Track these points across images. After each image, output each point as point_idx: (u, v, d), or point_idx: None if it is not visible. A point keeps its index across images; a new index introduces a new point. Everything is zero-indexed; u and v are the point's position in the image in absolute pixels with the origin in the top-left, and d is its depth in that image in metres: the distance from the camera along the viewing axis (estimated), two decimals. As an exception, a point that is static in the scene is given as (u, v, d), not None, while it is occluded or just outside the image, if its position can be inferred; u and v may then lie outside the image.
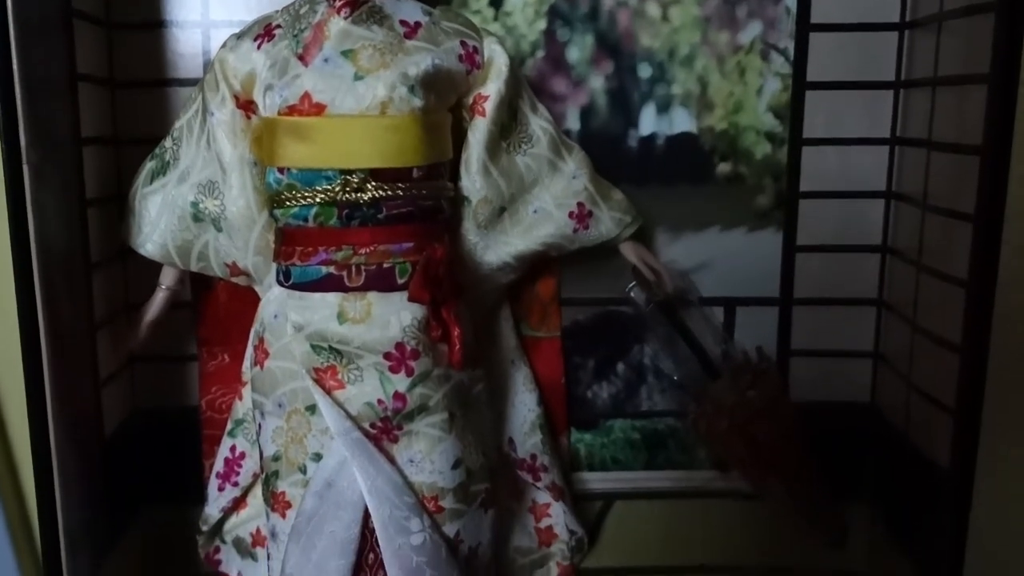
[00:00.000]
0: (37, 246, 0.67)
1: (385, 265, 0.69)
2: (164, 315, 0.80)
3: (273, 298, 0.73)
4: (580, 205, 0.78)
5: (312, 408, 0.72)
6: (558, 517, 0.87)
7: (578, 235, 0.78)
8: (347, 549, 0.72)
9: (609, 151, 0.83)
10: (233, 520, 0.85)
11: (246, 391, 0.81)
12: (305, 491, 0.73)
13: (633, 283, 0.84)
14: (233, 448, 0.83)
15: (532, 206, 0.78)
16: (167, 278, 0.79)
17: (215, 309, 0.84)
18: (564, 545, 0.88)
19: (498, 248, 0.78)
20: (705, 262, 0.86)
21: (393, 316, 0.69)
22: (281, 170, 0.70)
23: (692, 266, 0.86)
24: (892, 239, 0.85)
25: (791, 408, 0.83)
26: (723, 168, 0.84)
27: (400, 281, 0.70)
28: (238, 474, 0.83)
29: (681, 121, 0.84)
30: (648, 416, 0.88)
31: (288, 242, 0.71)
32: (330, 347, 0.70)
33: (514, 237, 0.77)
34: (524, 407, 0.83)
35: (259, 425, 0.76)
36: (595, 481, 0.89)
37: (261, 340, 0.74)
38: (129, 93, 0.81)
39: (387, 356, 0.70)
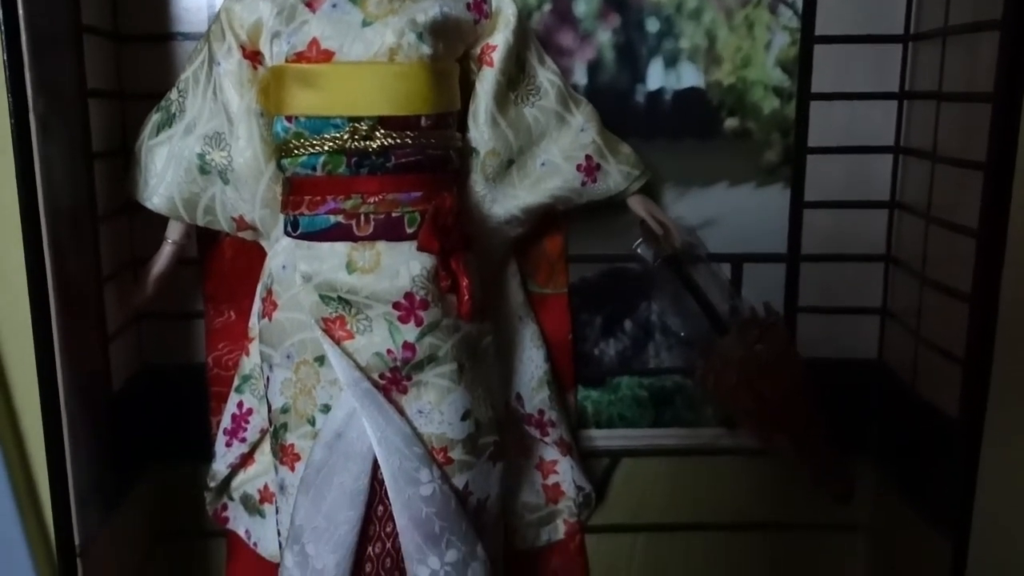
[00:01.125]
0: (45, 199, 0.67)
1: (394, 214, 0.69)
2: (171, 270, 0.80)
3: (281, 249, 0.73)
4: (588, 158, 0.77)
5: (321, 359, 0.71)
6: (565, 474, 0.87)
7: (586, 188, 0.78)
8: (356, 500, 0.73)
9: (616, 106, 0.82)
10: (241, 477, 0.86)
11: (253, 347, 0.81)
12: (314, 443, 0.73)
13: (640, 240, 0.84)
14: (240, 404, 0.83)
15: (540, 159, 0.77)
16: (173, 232, 0.79)
17: (221, 265, 0.84)
18: (571, 502, 0.88)
19: (506, 201, 0.77)
20: (712, 218, 0.86)
21: (402, 266, 0.69)
22: (289, 118, 0.69)
23: (699, 222, 0.85)
24: (900, 194, 0.84)
25: (799, 362, 0.83)
26: (731, 123, 0.84)
27: (409, 231, 0.69)
28: (245, 430, 0.83)
29: (688, 76, 0.83)
30: (655, 373, 0.88)
31: (296, 191, 0.70)
32: (339, 297, 0.70)
33: (522, 190, 0.77)
34: (532, 363, 0.83)
35: (267, 378, 0.76)
36: (602, 438, 0.89)
37: (269, 292, 0.73)
38: (134, 46, 0.80)
39: (396, 306, 0.69)
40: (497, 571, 0.80)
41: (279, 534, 0.79)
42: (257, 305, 0.77)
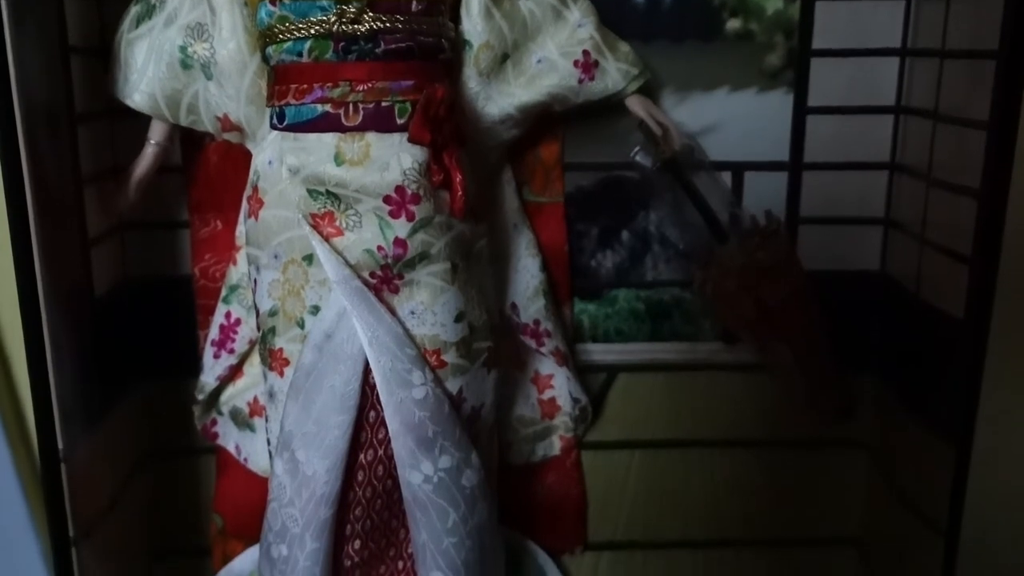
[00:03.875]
0: (19, 96, 0.64)
1: (384, 103, 0.66)
2: (153, 173, 0.77)
3: (267, 144, 0.70)
4: (585, 54, 0.75)
5: (309, 258, 0.69)
6: (561, 388, 0.86)
7: (583, 86, 0.76)
8: (347, 405, 0.71)
9: (614, 5, 0.79)
10: (230, 390, 0.84)
11: (240, 256, 0.79)
12: (303, 346, 0.71)
13: (638, 147, 0.82)
14: (228, 315, 0.81)
15: (536, 55, 0.75)
16: (156, 133, 0.76)
17: (206, 172, 0.81)
18: (567, 417, 0.86)
19: (500, 99, 0.75)
20: (713, 125, 0.83)
21: (392, 158, 0.67)
22: (273, 2, 0.66)
23: (699, 129, 0.83)
24: (907, 98, 0.82)
25: (801, 270, 0.81)
26: (732, 24, 0.81)
27: (400, 121, 0.67)
28: (234, 341, 0.81)
29: (689, -26, 0.80)
30: (653, 286, 0.86)
31: (281, 80, 0.68)
32: (327, 191, 0.67)
33: (517, 87, 0.75)
34: (527, 272, 0.81)
35: (255, 281, 0.74)
36: (598, 353, 0.87)
37: (255, 189, 0.71)
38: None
39: (387, 200, 0.67)
40: (492, 482, 0.78)
41: (269, 443, 0.77)
42: (244, 207, 0.75)
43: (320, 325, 0.70)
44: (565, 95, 0.76)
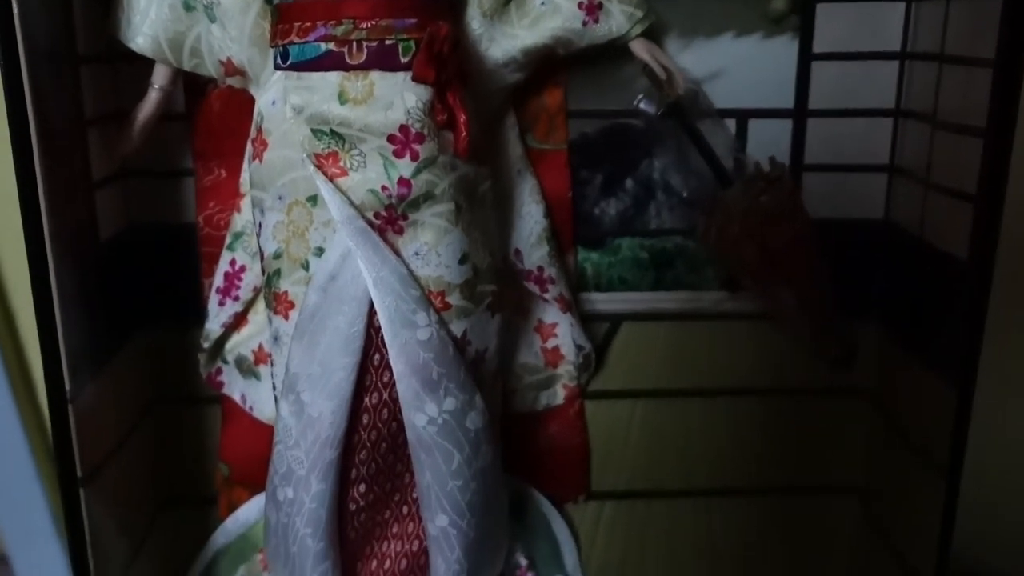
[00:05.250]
0: (23, 36, 0.64)
1: (387, 41, 0.66)
2: (157, 117, 0.77)
3: (271, 85, 0.70)
4: (590, -5, 0.74)
5: (314, 199, 0.69)
6: (565, 336, 0.86)
7: (587, 29, 0.75)
8: (352, 346, 0.71)
9: (618, -53, 0.78)
10: (235, 338, 0.84)
11: (245, 203, 0.79)
12: (307, 288, 0.71)
13: (641, 95, 0.81)
14: (233, 262, 0.81)
15: (539, -2, 0.74)
16: (160, 77, 0.76)
17: (209, 120, 0.80)
18: (571, 365, 0.87)
19: (504, 41, 0.74)
20: (717, 71, 0.82)
21: (396, 97, 0.67)
22: (275, -62, 0.66)
23: (704, 75, 0.82)
24: (912, 43, 0.82)
25: (805, 215, 0.81)
26: (738, -31, 0.81)
27: (403, 60, 0.66)
28: (239, 288, 0.81)
29: (693, -85, 0.80)
30: (657, 234, 0.86)
31: (285, 19, 0.67)
32: (331, 131, 0.67)
33: (521, 29, 0.74)
34: (531, 218, 0.81)
35: (259, 225, 0.74)
36: (602, 302, 0.87)
37: (259, 131, 0.71)
38: None
39: (391, 139, 0.67)
40: (495, 427, 0.79)
41: (274, 388, 0.77)
42: (248, 151, 0.75)
43: (324, 266, 0.70)
44: (569, 38, 0.75)
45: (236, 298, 0.81)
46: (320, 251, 0.70)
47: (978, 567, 0.88)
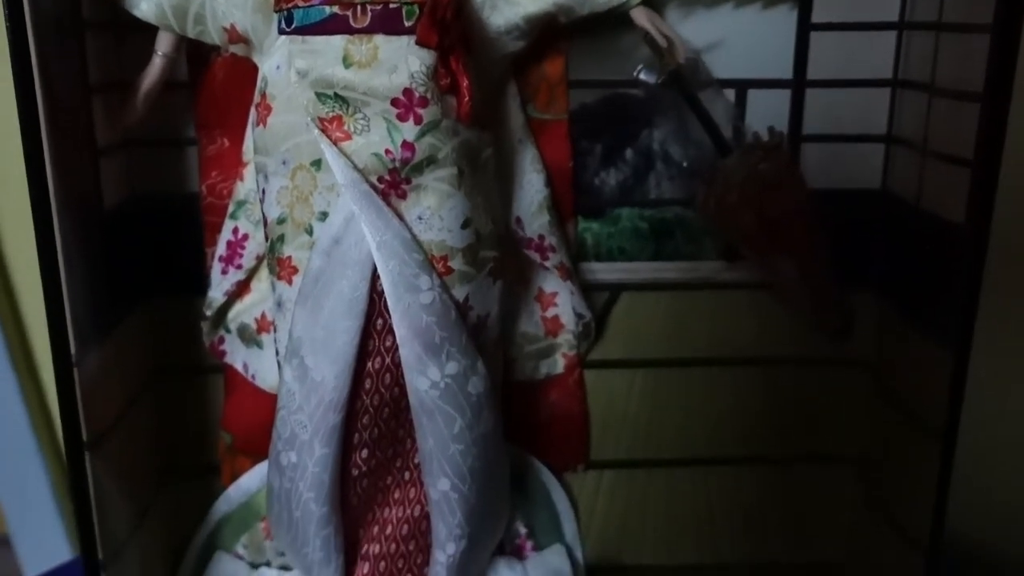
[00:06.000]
0: (30, 1, 0.64)
1: (391, 5, 0.67)
2: (160, 85, 0.77)
3: (275, 50, 0.70)
4: (591, -38, 0.75)
5: (318, 163, 0.70)
6: (565, 305, 0.87)
7: (589, -5, 0.76)
8: (355, 310, 0.72)
9: (618, -84, 0.79)
10: (237, 307, 0.85)
11: (248, 171, 0.80)
12: (311, 252, 0.71)
13: (641, 65, 0.82)
14: (236, 230, 0.81)
15: (541, -37, 0.75)
16: (163, 44, 0.76)
17: (212, 89, 0.81)
18: (571, 334, 0.87)
19: (506, 9, 0.75)
20: (716, 42, 0.83)
21: (400, 61, 0.67)
22: (279, -99, 0.67)
23: (703, 46, 0.83)
24: (910, 12, 0.82)
25: (803, 184, 0.82)
26: (738, -62, 0.81)
27: (407, 24, 0.67)
28: (241, 256, 0.81)
29: None
30: (656, 205, 0.87)
31: (289, -17, 0.68)
32: (335, 94, 0.68)
33: (523, -3, 0.75)
34: (531, 187, 0.82)
35: (262, 191, 0.74)
36: (602, 272, 0.88)
37: (263, 96, 0.72)
38: None
39: (395, 103, 0.68)
40: (497, 394, 0.79)
41: (277, 354, 0.78)
42: (251, 117, 0.75)
43: (328, 230, 0.71)
44: (571, 5, 0.76)
45: (239, 266, 0.82)
46: (324, 215, 0.71)
47: (974, 534, 0.89)
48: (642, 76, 0.82)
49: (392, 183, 0.70)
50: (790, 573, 0.94)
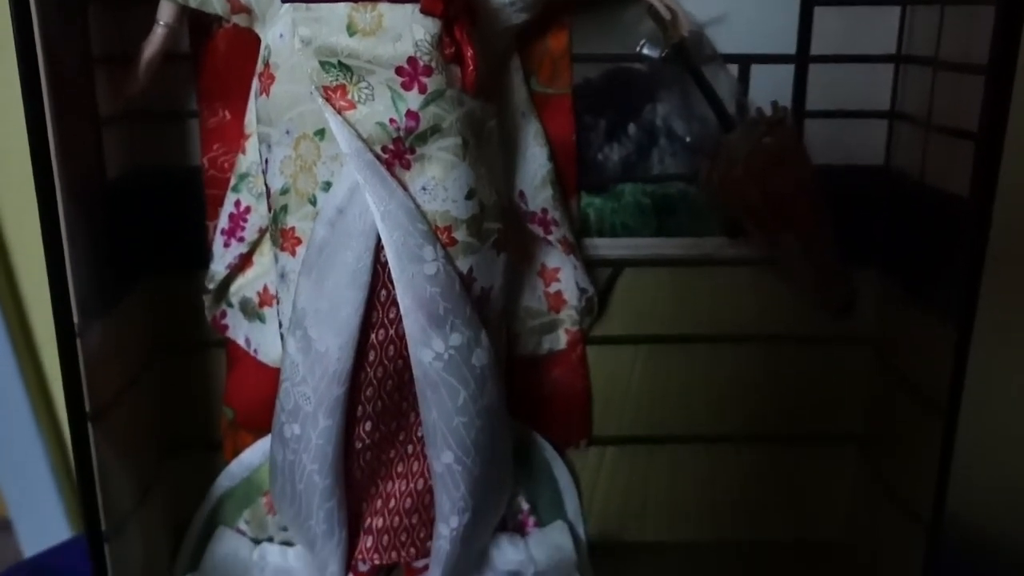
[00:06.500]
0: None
1: (396, -27, 0.66)
2: (162, 56, 0.77)
3: (278, 18, 0.70)
4: (596, -67, 0.75)
5: (321, 133, 0.70)
6: (568, 280, 0.86)
7: (594, -33, 0.76)
8: (359, 281, 0.71)
9: None
10: (239, 281, 0.84)
11: (250, 144, 0.79)
12: (315, 222, 0.71)
13: (644, 40, 0.82)
14: (238, 203, 0.81)
15: (545, -65, 0.75)
16: (165, 14, 0.75)
17: (214, 61, 0.81)
18: (573, 310, 0.87)
19: (510, -19, 0.75)
20: (719, 16, 0.83)
21: (405, 29, 0.67)
22: None
23: (706, 21, 0.83)
24: (914, -12, 0.82)
25: (807, 159, 0.82)
26: (742, -88, 0.81)
27: (412, -8, 0.67)
28: (243, 229, 0.81)
29: None
30: (659, 180, 0.87)
31: (293, -51, 0.68)
32: (339, 63, 0.68)
33: (527, -33, 0.75)
34: (535, 161, 0.82)
35: (265, 162, 0.74)
36: (604, 248, 0.88)
37: (267, 65, 0.71)
38: None
39: (399, 71, 0.67)
40: (501, 367, 0.79)
41: (280, 325, 0.78)
42: (254, 87, 0.75)
43: (332, 200, 0.70)
44: (575, -23, 0.76)
45: (241, 239, 0.81)
46: (328, 185, 0.71)
47: (976, 512, 0.89)
48: (645, 51, 0.82)
49: (396, 153, 0.69)
50: (791, 550, 0.94)
